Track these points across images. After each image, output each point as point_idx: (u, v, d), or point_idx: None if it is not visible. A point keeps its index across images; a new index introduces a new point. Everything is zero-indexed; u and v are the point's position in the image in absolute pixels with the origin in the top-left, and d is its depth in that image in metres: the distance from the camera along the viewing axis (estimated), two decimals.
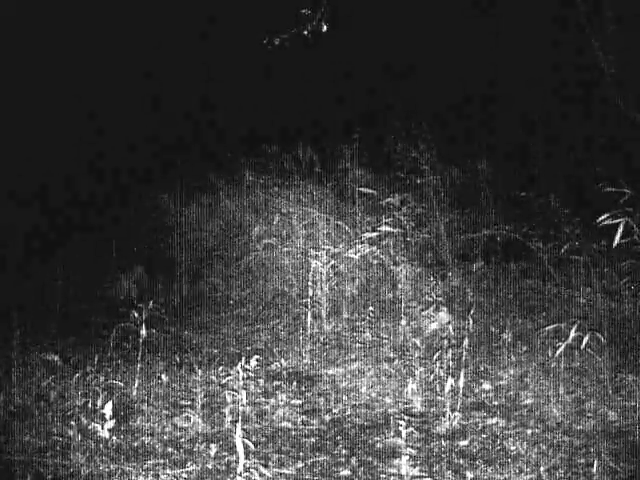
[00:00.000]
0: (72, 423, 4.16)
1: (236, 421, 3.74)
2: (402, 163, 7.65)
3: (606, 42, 6.78)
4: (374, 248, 6.83)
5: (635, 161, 6.66)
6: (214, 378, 5.35)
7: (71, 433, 4.12)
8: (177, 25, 9.71)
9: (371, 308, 6.62)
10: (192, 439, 4.44)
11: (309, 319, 6.38)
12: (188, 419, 4.65)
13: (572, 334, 4.48)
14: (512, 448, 4.21)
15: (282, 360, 5.86)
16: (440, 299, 6.37)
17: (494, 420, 4.60)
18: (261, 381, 5.38)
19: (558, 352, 4.63)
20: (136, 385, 5.06)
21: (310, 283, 6.69)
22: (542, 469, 3.91)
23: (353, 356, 5.95)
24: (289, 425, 4.72)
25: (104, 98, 9.40)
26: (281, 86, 9.52)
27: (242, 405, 3.86)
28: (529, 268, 6.87)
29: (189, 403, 4.90)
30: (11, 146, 8.60)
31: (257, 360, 3.86)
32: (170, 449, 4.30)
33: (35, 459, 4.06)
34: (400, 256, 6.83)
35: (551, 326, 5.07)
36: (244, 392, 3.89)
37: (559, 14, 7.62)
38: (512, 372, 5.28)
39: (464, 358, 4.84)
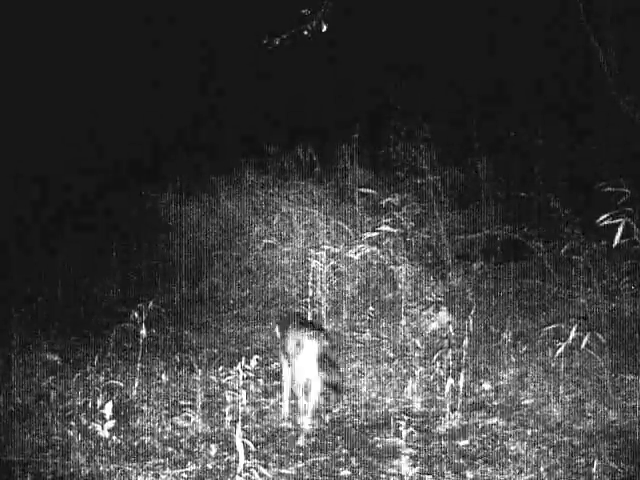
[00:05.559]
0: (72, 423, 4.16)
1: (236, 421, 3.74)
2: (402, 163, 7.65)
3: (606, 42, 6.78)
4: (374, 248, 6.82)
5: (635, 161, 6.66)
6: (214, 378, 5.35)
7: (71, 433, 4.12)
8: (177, 25, 9.72)
9: (371, 308, 6.61)
10: (192, 439, 4.44)
11: (309, 319, 6.38)
12: (188, 419, 4.65)
13: (572, 334, 4.48)
14: (512, 448, 4.21)
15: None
16: (440, 299, 6.37)
17: (494, 420, 4.60)
18: (261, 381, 5.38)
19: (558, 352, 4.62)
20: (136, 385, 5.06)
21: (310, 283, 6.69)
22: (542, 469, 3.92)
23: (353, 356, 5.94)
24: (289, 425, 4.73)
25: (104, 98, 9.40)
26: (281, 86, 9.52)
27: (242, 405, 3.85)
28: (529, 268, 6.87)
29: (189, 403, 4.90)
30: (10, 146, 8.61)
31: (257, 360, 3.87)
32: (170, 449, 4.30)
33: (35, 459, 4.06)
34: (400, 256, 6.83)
35: (551, 326, 5.07)
36: (244, 392, 3.89)
37: (559, 14, 7.62)
38: (512, 372, 5.28)
39: (464, 358, 4.84)
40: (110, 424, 4.15)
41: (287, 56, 6.13)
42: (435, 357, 4.96)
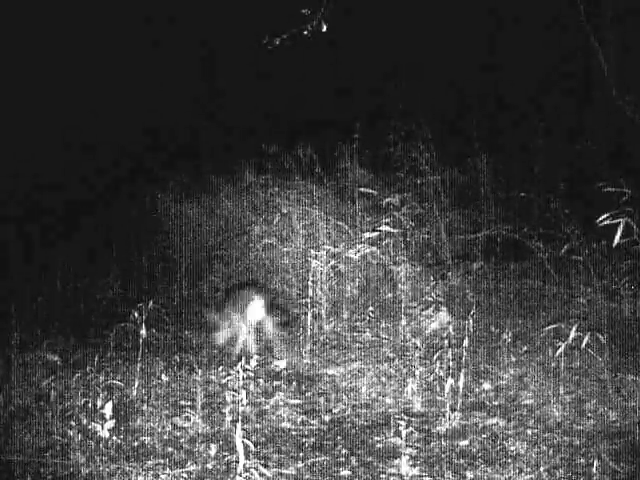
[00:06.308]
0: (72, 423, 4.16)
1: (236, 421, 3.74)
2: (402, 163, 7.65)
3: (606, 42, 6.79)
4: (374, 248, 6.81)
5: (635, 161, 6.66)
6: (214, 378, 5.35)
7: (71, 433, 4.11)
8: (177, 25, 9.73)
9: (371, 308, 6.61)
10: (192, 439, 4.44)
11: (309, 319, 6.38)
12: (188, 419, 4.65)
13: (572, 334, 4.48)
14: (512, 448, 4.21)
15: (282, 360, 5.85)
16: (440, 299, 6.37)
17: (494, 420, 4.60)
18: (261, 381, 5.38)
19: (558, 352, 4.62)
20: (136, 385, 5.06)
21: (310, 283, 6.68)
22: (542, 469, 3.92)
23: (353, 356, 5.94)
24: (289, 425, 4.73)
25: (104, 98, 9.41)
26: (281, 86, 9.53)
27: (242, 405, 3.85)
28: (529, 268, 6.87)
29: (189, 403, 4.90)
30: (10, 146, 8.61)
31: (257, 360, 3.86)
32: (170, 449, 4.30)
33: (35, 459, 4.06)
34: (400, 256, 6.82)
35: (551, 326, 5.07)
36: (244, 392, 3.89)
37: (559, 14, 7.63)
38: (512, 372, 5.28)
39: (464, 358, 4.84)
40: (110, 424, 4.15)
41: (287, 56, 6.13)
42: (435, 357, 4.96)
